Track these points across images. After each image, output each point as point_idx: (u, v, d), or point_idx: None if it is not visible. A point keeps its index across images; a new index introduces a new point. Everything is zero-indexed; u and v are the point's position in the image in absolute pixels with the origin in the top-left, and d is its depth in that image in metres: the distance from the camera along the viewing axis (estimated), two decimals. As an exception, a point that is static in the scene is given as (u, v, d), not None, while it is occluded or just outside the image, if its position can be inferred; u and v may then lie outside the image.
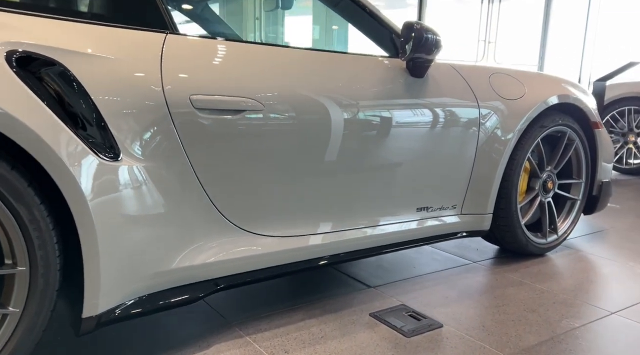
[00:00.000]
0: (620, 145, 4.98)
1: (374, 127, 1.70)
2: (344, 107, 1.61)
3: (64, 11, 1.39)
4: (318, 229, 1.64)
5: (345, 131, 1.62)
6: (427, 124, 1.83)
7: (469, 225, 2.06)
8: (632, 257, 2.35)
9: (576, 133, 2.31)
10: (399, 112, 1.75)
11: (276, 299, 1.75)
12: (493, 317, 1.68)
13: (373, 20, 1.82)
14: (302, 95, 1.53)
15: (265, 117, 1.45)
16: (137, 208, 1.27)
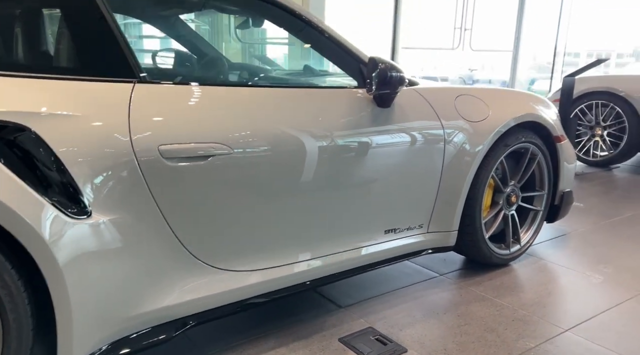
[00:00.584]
0: (587, 138, 5.13)
1: (343, 159, 1.75)
2: (313, 141, 1.65)
3: (21, 67, 1.39)
4: (288, 261, 1.70)
5: (314, 165, 1.67)
6: (394, 151, 1.89)
7: (435, 242, 2.14)
8: (590, 265, 2.47)
9: (539, 148, 2.39)
10: (366, 142, 1.80)
11: (248, 325, 1.82)
12: (455, 338, 1.77)
13: (340, 50, 1.86)
14: (271, 133, 1.57)
15: (233, 160, 1.49)
16: (109, 260, 1.31)
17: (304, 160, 1.64)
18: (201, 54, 2.16)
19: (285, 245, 1.69)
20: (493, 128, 2.15)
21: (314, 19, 1.81)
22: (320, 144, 1.67)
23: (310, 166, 1.67)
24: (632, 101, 4.70)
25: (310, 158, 1.66)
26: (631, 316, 1.96)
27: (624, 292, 2.18)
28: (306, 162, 1.65)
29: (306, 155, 1.64)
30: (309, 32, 1.83)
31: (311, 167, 1.67)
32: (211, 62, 1.99)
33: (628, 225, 3.11)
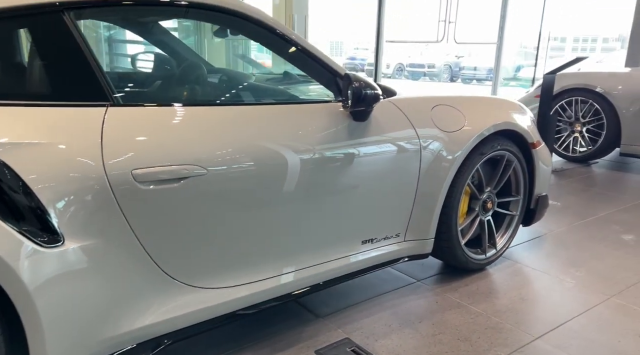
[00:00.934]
0: (567, 134, 5.21)
1: (320, 174, 1.76)
2: (289, 157, 1.67)
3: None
4: (267, 275, 1.73)
5: (291, 181, 1.68)
6: (370, 164, 1.91)
7: (411, 250, 2.18)
8: (563, 268, 2.54)
9: (514, 155, 2.44)
10: (343, 156, 1.82)
11: (224, 339, 1.84)
12: (429, 349, 1.82)
13: (316, 64, 1.86)
14: (247, 151, 1.57)
15: (209, 180, 1.50)
16: (83, 285, 1.32)
17: (280, 177, 1.66)
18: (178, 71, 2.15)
19: (264, 261, 1.72)
20: (469, 138, 2.18)
21: (288, 33, 1.82)
22: (297, 159, 1.69)
23: (287, 182, 1.68)
24: (609, 98, 4.77)
25: (287, 174, 1.67)
26: (599, 323, 2.03)
27: (594, 297, 2.24)
28: (283, 179, 1.67)
29: (283, 171, 1.66)
30: (284, 46, 1.83)
31: (288, 184, 1.69)
32: (187, 81, 1.99)
33: (601, 226, 3.18)
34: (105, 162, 1.33)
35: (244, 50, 4.00)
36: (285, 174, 1.67)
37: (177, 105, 1.56)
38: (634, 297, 2.25)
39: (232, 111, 1.66)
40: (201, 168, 1.48)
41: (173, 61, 2.39)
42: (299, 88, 2.49)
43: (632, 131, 4.68)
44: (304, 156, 1.70)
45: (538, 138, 2.58)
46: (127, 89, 2.03)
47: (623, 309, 2.14)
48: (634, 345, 1.87)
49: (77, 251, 1.29)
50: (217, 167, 1.51)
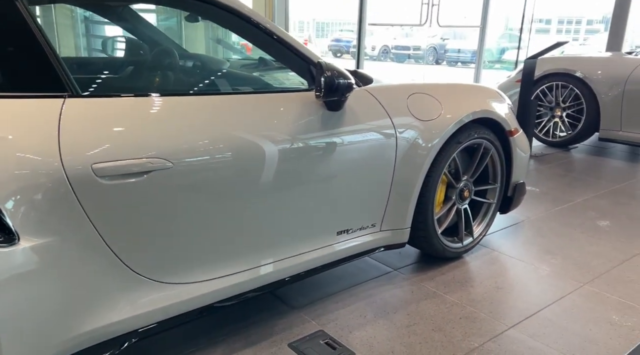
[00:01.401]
0: (548, 119, 5.22)
1: (293, 165, 1.72)
2: (261, 148, 1.62)
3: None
4: (239, 269, 1.69)
5: (263, 173, 1.64)
6: (345, 154, 1.87)
7: (387, 240, 2.17)
8: (539, 256, 2.55)
9: (492, 143, 2.42)
10: (317, 146, 1.78)
11: (196, 332, 1.82)
12: (402, 340, 1.82)
13: (289, 52, 1.81)
14: (217, 143, 1.53)
15: (175, 174, 1.45)
16: (42, 284, 1.27)
17: (252, 169, 1.62)
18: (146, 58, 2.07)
19: (236, 254, 1.68)
20: (445, 126, 2.15)
21: (261, 20, 1.75)
22: (269, 150, 1.64)
23: (258, 174, 1.64)
24: (589, 82, 4.79)
25: (258, 166, 1.63)
26: (572, 311, 2.04)
27: (568, 285, 2.26)
28: (254, 171, 1.63)
29: (254, 163, 1.62)
30: (256, 33, 1.77)
31: (260, 175, 1.65)
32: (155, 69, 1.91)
33: (578, 212, 3.21)
34: (63, 157, 1.27)
35: (223, 33, 3.90)
36: (256, 166, 1.63)
37: (143, 95, 1.50)
38: (606, 284, 2.27)
39: (202, 101, 1.60)
40: (167, 161, 1.43)
41: (142, 47, 2.31)
42: (274, 75, 2.44)
43: (611, 116, 4.71)
44: (277, 147, 1.66)
45: (516, 125, 2.57)
46: (88, 78, 1.95)
47: (596, 297, 2.16)
48: (605, 333, 1.89)
49: (33, 250, 1.24)
50: (184, 160, 1.46)
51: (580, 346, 1.81)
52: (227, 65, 2.49)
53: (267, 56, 2.54)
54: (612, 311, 2.05)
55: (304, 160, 1.75)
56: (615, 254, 2.59)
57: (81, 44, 4.30)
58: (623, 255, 2.58)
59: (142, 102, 1.48)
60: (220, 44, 3.46)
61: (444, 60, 17.69)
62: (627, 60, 4.79)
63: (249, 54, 3.13)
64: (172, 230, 1.51)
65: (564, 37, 22.96)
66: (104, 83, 1.92)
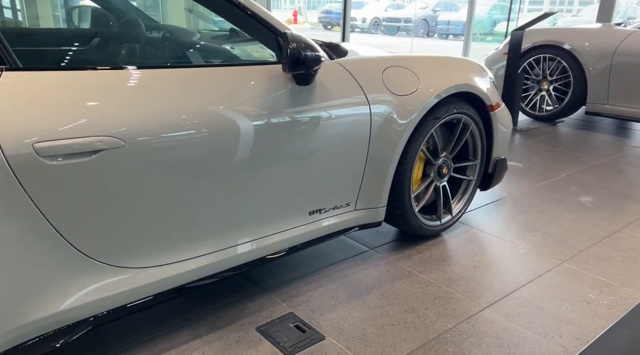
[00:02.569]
0: (534, 92, 5.14)
1: (260, 142, 1.64)
2: (225, 125, 1.53)
3: None
4: (201, 252, 1.62)
5: (227, 150, 1.56)
6: (315, 131, 1.79)
7: (362, 219, 2.11)
8: (519, 233, 2.51)
9: (472, 118, 2.34)
10: (285, 123, 1.69)
11: (162, 316, 1.76)
12: (375, 321, 1.77)
13: (255, 22, 1.70)
14: (176, 120, 1.43)
15: (128, 153, 1.36)
16: (-17, 272, 1.20)
17: (215, 146, 1.53)
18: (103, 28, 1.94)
19: (200, 236, 1.61)
20: (423, 101, 2.07)
21: (222, -13, 1.64)
22: (235, 126, 1.55)
23: (223, 152, 1.56)
24: (577, 55, 4.70)
25: (222, 143, 1.54)
26: (549, 289, 2.01)
27: (546, 262, 2.22)
28: (218, 148, 1.54)
29: (218, 140, 1.53)
30: (218, 1, 1.66)
31: (224, 153, 1.56)
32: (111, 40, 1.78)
33: (561, 188, 3.16)
34: (0, 135, 1.18)
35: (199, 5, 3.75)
36: (220, 143, 1.54)
37: (93, 68, 1.40)
38: (585, 261, 2.24)
39: (161, 74, 1.50)
40: (119, 140, 1.34)
41: (106, 18, 2.18)
42: (246, 47, 2.32)
43: (598, 89, 4.64)
44: (243, 123, 1.57)
45: (497, 100, 2.49)
46: (30, 50, 1.83)
47: (573, 274, 2.12)
48: (580, 312, 1.86)
49: (-29, 236, 1.16)
50: (138, 138, 1.37)
51: (555, 326, 1.78)
52: (196, 37, 2.37)
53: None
54: (589, 289, 2.02)
55: (272, 138, 1.66)
56: (596, 231, 2.56)
57: (60, 17, 4.12)
58: (604, 232, 2.54)
59: (92, 76, 1.38)
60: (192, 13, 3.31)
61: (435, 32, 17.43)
62: (615, 32, 4.69)
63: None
64: (128, 213, 1.43)
65: (557, 8, 22.62)
66: (52, 55, 1.80)
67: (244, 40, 2.39)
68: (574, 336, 1.72)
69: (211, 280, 1.66)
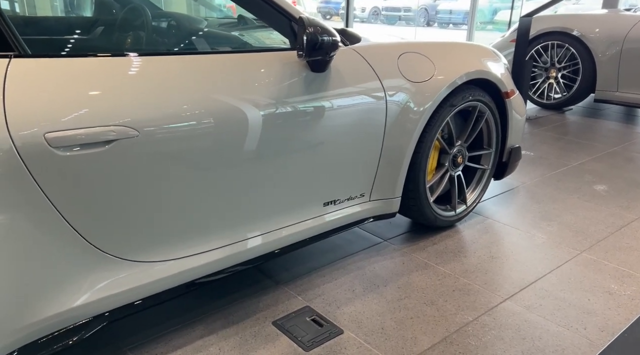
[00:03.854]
0: (542, 80, 5.07)
1: (274, 131, 1.58)
2: (239, 114, 1.48)
3: None
4: (216, 245, 1.58)
5: (241, 140, 1.50)
6: (330, 119, 1.73)
7: (377, 210, 2.06)
8: (534, 223, 2.46)
9: (487, 105, 2.29)
10: (300, 111, 1.63)
11: (175, 312, 1.71)
12: (393, 315, 1.73)
13: (268, 7, 1.64)
14: (189, 109, 1.38)
15: (142, 143, 1.31)
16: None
17: (229, 136, 1.48)
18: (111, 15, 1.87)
19: (215, 229, 1.56)
20: (439, 88, 2.01)
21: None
22: (248, 115, 1.50)
23: (236, 141, 1.50)
24: (586, 41, 4.62)
25: (236, 132, 1.49)
26: (569, 280, 1.96)
27: (564, 252, 2.17)
28: (232, 138, 1.49)
29: (232, 129, 1.47)
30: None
31: (238, 143, 1.51)
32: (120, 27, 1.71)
33: (573, 176, 3.11)
34: (10, 125, 1.12)
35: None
36: (234, 133, 1.48)
37: (104, 55, 1.34)
38: (604, 251, 2.19)
39: (173, 62, 1.44)
40: (132, 129, 1.28)
41: (111, 6, 2.12)
42: (255, 34, 2.26)
43: (607, 76, 4.57)
44: (256, 112, 1.52)
45: (512, 87, 2.43)
46: (39, 36, 1.77)
47: (593, 265, 2.08)
48: (603, 303, 1.82)
49: (-19, 231, 1.11)
50: (151, 128, 1.32)
51: (578, 318, 1.73)
52: (204, 24, 2.30)
53: (247, 14, 2.36)
54: (610, 280, 1.97)
55: (286, 127, 1.61)
56: (612, 220, 2.51)
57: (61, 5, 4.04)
58: (621, 221, 2.50)
59: (103, 63, 1.32)
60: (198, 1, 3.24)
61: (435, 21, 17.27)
62: (625, 18, 4.61)
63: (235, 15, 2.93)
64: (142, 205, 1.38)
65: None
66: (59, 42, 1.73)
67: (253, 27, 2.33)
68: (598, 328, 1.68)
69: (225, 273, 1.62)
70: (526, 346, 1.58)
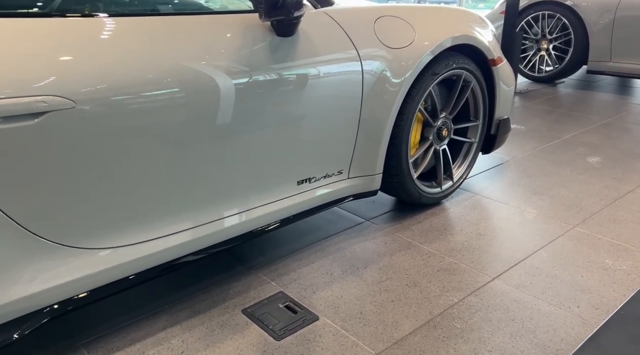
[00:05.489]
0: (533, 53, 4.92)
1: (236, 103, 1.44)
2: (192, 84, 1.33)
3: None
4: (180, 228, 1.44)
5: (199, 111, 1.36)
6: (299, 88, 1.59)
7: (357, 188, 1.93)
8: (525, 197, 2.34)
9: (472, 74, 2.15)
10: (265, 79, 1.49)
11: (137, 302, 1.58)
12: (373, 298, 1.61)
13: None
14: (134, 77, 1.23)
15: (79, 116, 1.16)
16: None
17: (183, 109, 1.33)
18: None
19: (174, 211, 1.42)
20: (419, 55, 1.86)
21: None
22: (206, 85, 1.36)
23: (194, 114, 1.36)
24: (578, 11, 4.46)
25: (192, 104, 1.35)
26: (561, 256, 1.85)
27: (556, 227, 2.06)
28: (187, 110, 1.35)
29: (187, 101, 1.33)
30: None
31: (194, 116, 1.36)
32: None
33: (567, 149, 2.99)
34: None
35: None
36: (190, 105, 1.34)
37: (37, 14, 1.19)
38: (599, 225, 2.08)
39: (118, 24, 1.29)
40: (67, 100, 1.14)
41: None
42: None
43: (600, 47, 4.42)
44: (214, 81, 1.37)
45: (499, 54, 2.29)
46: None
47: (587, 239, 1.96)
48: (597, 280, 1.70)
49: None
50: (91, 98, 1.17)
51: (571, 295, 1.62)
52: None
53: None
54: (604, 255, 1.86)
55: (249, 98, 1.47)
56: (607, 192, 2.39)
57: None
58: (616, 193, 2.38)
59: (34, 24, 1.17)
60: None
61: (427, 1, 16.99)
62: (618, -15, 4.45)
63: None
64: (85, 187, 1.24)
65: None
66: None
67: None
68: (592, 306, 1.57)
69: (193, 258, 1.48)
70: (515, 327, 1.47)
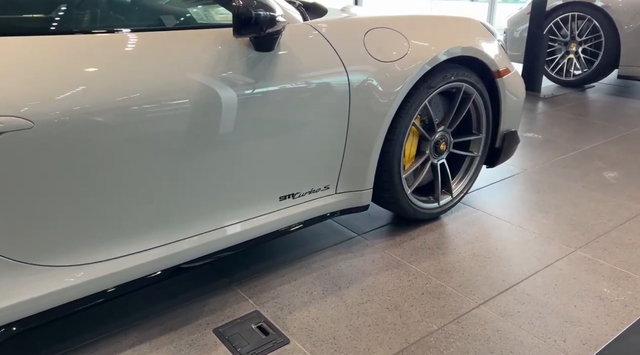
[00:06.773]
0: (561, 55, 4.72)
1: (213, 116, 1.41)
2: (165, 98, 1.31)
3: None
4: (150, 245, 1.43)
5: (174, 127, 1.34)
6: (279, 104, 1.55)
7: (345, 203, 1.88)
8: (529, 215, 2.24)
9: (474, 86, 2.06)
10: (243, 95, 1.46)
11: (109, 317, 1.58)
12: (350, 321, 1.56)
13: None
14: (102, 97, 1.22)
15: (38, 136, 1.16)
16: None
17: (157, 126, 1.32)
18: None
19: (142, 229, 1.41)
20: (412, 68, 1.79)
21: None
22: (178, 103, 1.34)
23: (167, 131, 1.34)
24: (610, 12, 4.25)
25: (167, 121, 1.33)
26: (556, 282, 1.75)
27: (556, 250, 1.95)
28: (158, 125, 1.33)
29: (162, 118, 1.31)
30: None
31: (170, 132, 1.35)
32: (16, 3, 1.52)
33: (581, 162, 2.84)
34: None
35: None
36: (165, 122, 1.32)
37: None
38: (602, 248, 1.96)
39: (84, 41, 1.28)
40: (24, 120, 1.14)
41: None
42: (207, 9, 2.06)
43: (632, 50, 4.20)
44: (188, 96, 1.35)
45: (506, 65, 2.18)
46: None
47: (587, 264, 1.86)
48: (591, 310, 1.61)
49: None
50: (51, 117, 1.17)
51: (559, 327, 1.53)
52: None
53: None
54: (603, 282, 1.75)
55: (226, 113, 1.44)
56: (619, 212, 2.26)
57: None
58: (628, 213, 2.25)
59: None
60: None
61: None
62: (654, -15, 4.21)
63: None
64: (44, 206, 1.24)
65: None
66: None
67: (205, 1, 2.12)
68: (580, 340, 1.48)
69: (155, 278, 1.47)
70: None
